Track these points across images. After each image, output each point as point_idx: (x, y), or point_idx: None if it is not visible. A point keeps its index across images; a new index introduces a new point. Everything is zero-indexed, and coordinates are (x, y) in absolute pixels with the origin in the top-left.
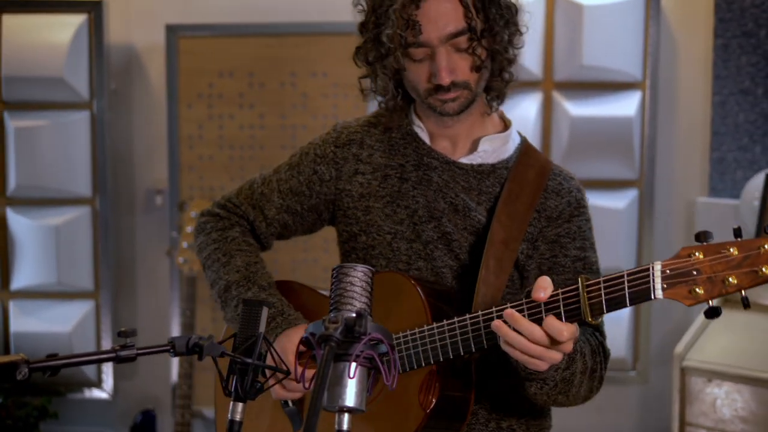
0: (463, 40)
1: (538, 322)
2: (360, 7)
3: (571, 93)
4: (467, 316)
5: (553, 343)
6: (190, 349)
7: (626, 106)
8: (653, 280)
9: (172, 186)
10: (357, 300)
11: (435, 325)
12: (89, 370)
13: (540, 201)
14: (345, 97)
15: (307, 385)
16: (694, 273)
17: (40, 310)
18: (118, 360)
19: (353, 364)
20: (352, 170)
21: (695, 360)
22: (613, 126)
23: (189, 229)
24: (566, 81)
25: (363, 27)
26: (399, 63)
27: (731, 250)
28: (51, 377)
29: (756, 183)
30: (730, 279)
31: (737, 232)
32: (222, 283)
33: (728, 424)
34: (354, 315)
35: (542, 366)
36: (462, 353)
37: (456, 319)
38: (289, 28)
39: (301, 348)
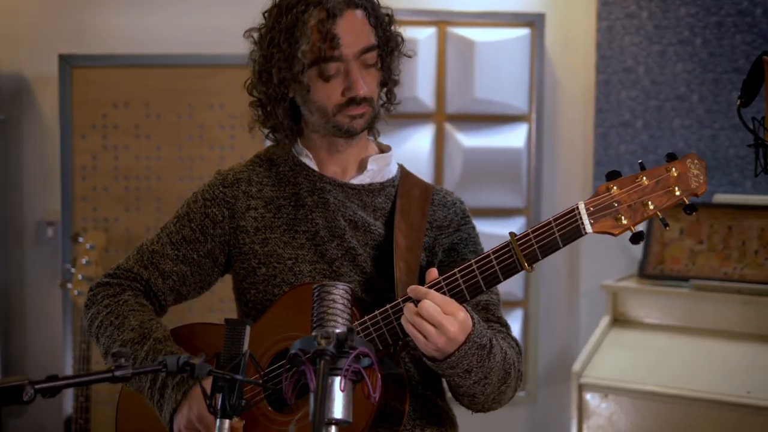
0: (372, 56)
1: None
2: (252, 38)
3: (462, 125)
4: (377, 312)
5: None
6: (180, 368)
7: (515, 137)
8: (581, 217)
9: (64, 217)
10: (340, 317)
11: (367, 317)
12: None
13: (429, 214)
14: (242, 129)
15: (291, 400)
16: (616, 204)
17: None
18: (114, 380)
19: (342, 378)
20: (244, 207)
21: (592, 377)
22: (503, 156)
23: (84, 261)
24: (458, 113)
25: (269, 50)
26: (323, 74)
27: (643, 179)
28: (49, 398)
29: None
30: (649, 204)
31: (642, 166)
32: (116, 345)
33: None
34: (345, 331)
35: (427, 347)
36: (390, 342)
37: (367, 317)
38: (186, 60)
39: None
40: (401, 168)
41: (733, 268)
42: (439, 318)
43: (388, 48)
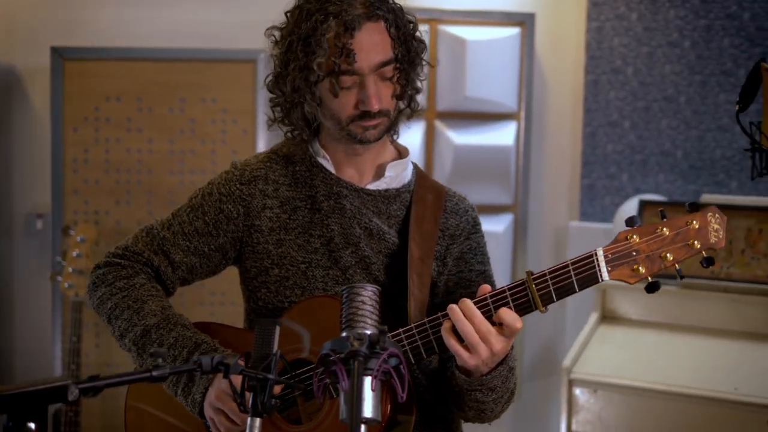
0: (389, 70)
1: (488, 318)
2: (273, 38)
3: (453, 122)
4: (412, 324)
5: (498, 333)
6: (215, 367)
7: (504, 135)
8: (598, 264)
9: (55, 210)
10: (369, 318)
11: (401, 329)
12: None
13: (441, 221)
14: (234, 123)
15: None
16: (634, 254)
17: None
18: (152, 380)
19: (373, 379)
20: (260, 206)
21: (581, 372)
22: (493, 154)
23: (75, 253)
24: (449, 111)
25: (286, 56)
26: (334, 89)
27: (663, 230)
28: (92, 397)
29: (629, 208)
30: (667, 255)
31: (663, 214)
32: (137, 329)
33: (612, 431)
34: (377, 332)
35: (470, 360)
36: (413, 361)
37: (401, 330)
38: (179, 54)
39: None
40: (416, 169)
41: (720, 267)
42: (488, 334)
43: (408, 59)
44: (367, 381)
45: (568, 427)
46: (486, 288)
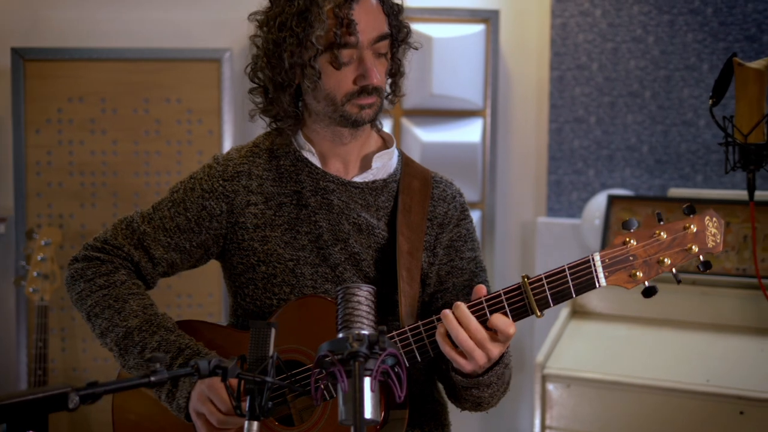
0: (384, 45)
1: (483, 322)
2: (256, 22)
3: (420, 120)
4: (407, 327)
5: (493, 339)
6: (212, 371)
7: (471, 132)
8: (595, 270)
9: (18, 213)
10: (365, 318)
11: (396, 332)
12: None
13: (429, 209)
14: (199, 123)
15: (319, 401)
16: (631, 258)
17: None
18: (150, 384)
19: (372, 379)
20: (243, 202)
21: (554, 368)
22: (460, 151)
23: (39, 257)
24: (415, 108)
25: (279, 34)
26: (337, 61)
27: (661, 233)
28: (90, 404)
29: (597, 203)
30: (665, 260)
31: (659, 217)
32: (119, 330)
33: (587, 425)
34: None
35: (467, 366)
36: (407, 364)
37: (395, 332)
38: (142, 54)
39: (231, 383)
40: (402, 156)
41: (689, 261)
42: (483, 341)
43: (399, 38)
44: (367, 381)
45: (542, 422)
46: (481, 290)
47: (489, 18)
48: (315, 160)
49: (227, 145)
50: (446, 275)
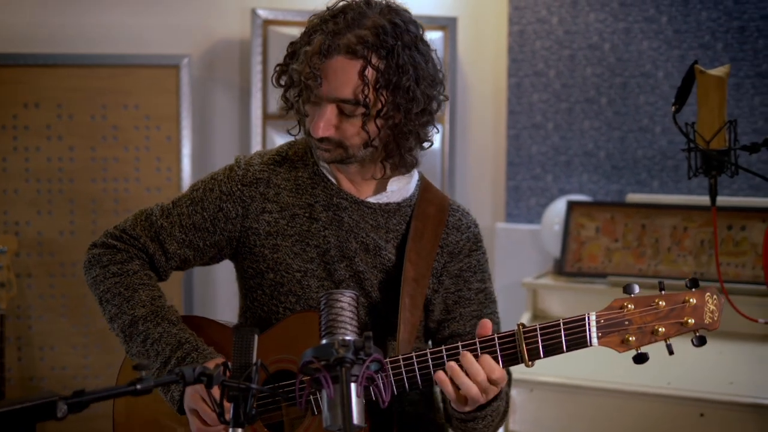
0: (348, 108)
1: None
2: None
3: None
4: (400, 356)
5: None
6: (197, 378)
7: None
8: (589, 329)
9: None
10: (349, 324)
11: (388, 360)
12: None
13: (442, 237)
14: (157, 129)
15: (304, 406)
16: (626, 323)
17: None
18: (136, 393)
19: (358, 385)
20: (259, 209)
21: (517, 372)
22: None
23: None
24: None
25: (285, 58)
26: (304, 102)
27: (660, 302)
28: (75, 413)
29: (556, 209)
30: (659, 329)
31: (661, 286)
32: (126, 318)
33: (549, 429)
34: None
35: (466, 407)
36: (407, 389)
37: (389, 360)
38: (99, 59)
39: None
40: (422, 181)
41: (648, 265)
42: (487, 389)
43: (371, 111)
44: (353, 387)
45: (505, 427)
46: (486, 324)
47: (447, 25)
48: (331, 177)
49: (186, 152)
50: (453, 304)
